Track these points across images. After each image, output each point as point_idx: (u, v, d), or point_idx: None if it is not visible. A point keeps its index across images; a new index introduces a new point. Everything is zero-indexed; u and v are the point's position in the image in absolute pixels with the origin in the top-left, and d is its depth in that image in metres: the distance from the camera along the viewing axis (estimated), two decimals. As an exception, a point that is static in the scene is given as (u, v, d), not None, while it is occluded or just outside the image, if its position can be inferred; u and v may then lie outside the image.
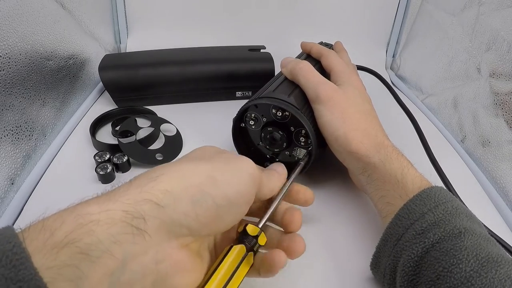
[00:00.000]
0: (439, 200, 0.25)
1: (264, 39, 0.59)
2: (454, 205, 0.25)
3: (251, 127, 0.37)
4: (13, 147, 0.36)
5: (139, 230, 0.18)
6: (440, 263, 0.22)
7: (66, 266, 0.16)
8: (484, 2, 0.46)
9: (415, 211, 0.25)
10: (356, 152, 0.31)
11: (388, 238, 0.26)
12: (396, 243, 0.25)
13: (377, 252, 0.27)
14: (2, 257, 0.15)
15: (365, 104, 0.35)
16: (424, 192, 0.26)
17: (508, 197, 0.39)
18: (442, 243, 0.23)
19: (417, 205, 0.25)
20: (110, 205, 0.18)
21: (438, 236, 0.24)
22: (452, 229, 0.23)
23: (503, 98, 0.41)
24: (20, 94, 0.37)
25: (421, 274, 0.23)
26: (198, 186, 0.21)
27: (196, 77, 0.51)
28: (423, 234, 0.24)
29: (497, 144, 0.41)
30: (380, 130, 0.33)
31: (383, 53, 0.71)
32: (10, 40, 0.35)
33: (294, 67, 0.35)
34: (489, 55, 0.44)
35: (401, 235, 0.25)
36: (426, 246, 0.24)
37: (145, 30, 0.66)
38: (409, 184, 0.28)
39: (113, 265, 0.17)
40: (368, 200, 0.37)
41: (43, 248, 0.16)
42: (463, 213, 0.25)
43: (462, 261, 0.22)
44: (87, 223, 0.17)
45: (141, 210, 0.18)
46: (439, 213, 0.24)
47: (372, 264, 0.28)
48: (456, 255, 0.22)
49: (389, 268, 0.26)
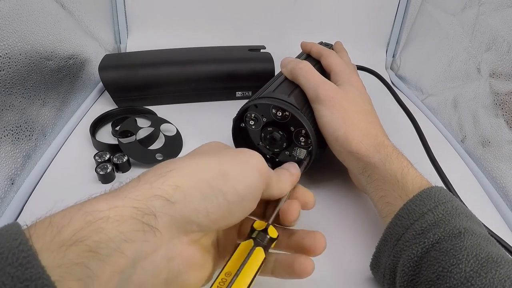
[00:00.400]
0: (439, 200, 0.25)
1: (264, 39, 0.59)
2: (454, 205, 0.25)
3: (251, 127, 0.37)
4: (13, 147, 0.36)
5: (150, 227, 0.18)
6: (440, 263, 0.22)
7: (74, 264, 0.15)
8: (484, 2, 0.46)
9: (415, 211, 0.25)
10: (356, 152, 0.31)
11: (388, 238, 0.26)
12: (396, 243, 0.25)
13: (377, 252, 0.27)
14: (8, 255, 0.14)
15: (365, 104, 0.35)
16: (424, 192, 0.26)
17: (508, 197, 0.39)
18: (442, 243, 0.23)
19: (417, 205, 0.25)
20: (119, 201, 0.18)
21: (438, 236, 0.24)
22: (452, 229, 0.24)
23: (503, 98, 0.41)
24: (20, 94, 0.37)
25: (420, 274, 0.23)
26: (209, 181, 0.20)
27: (196, 77, 0.51)
28: (423, 234, 0.24)
29: (497, 144, 0.41)
30: (380, 130, 0.33)
31: (383, 53, 0.72)
32: (10, 40, 0.35)
33: (294, 67, 0.35)
34: (489, 55, 0.44)
35: (401, 235, 0.25)
36: (426, 246, 0.24)
37: (145, 30, 0.66)
38: (409, 184, 0.28)
39: (123, 263, 0.17)
40: (368, 200, 0.37)
41: (50, 245, 0.15)
42: (462, 213, 0.25)
43: (462, 261, 0.22)
44: (96, 220, 0.16)
45: (152, 207, 0.18)
46: (439, 213, 0.25)
47: (372, 264, 0.28)
48: (456, 255, 0.22)
49: (389, 268, 0.26)
